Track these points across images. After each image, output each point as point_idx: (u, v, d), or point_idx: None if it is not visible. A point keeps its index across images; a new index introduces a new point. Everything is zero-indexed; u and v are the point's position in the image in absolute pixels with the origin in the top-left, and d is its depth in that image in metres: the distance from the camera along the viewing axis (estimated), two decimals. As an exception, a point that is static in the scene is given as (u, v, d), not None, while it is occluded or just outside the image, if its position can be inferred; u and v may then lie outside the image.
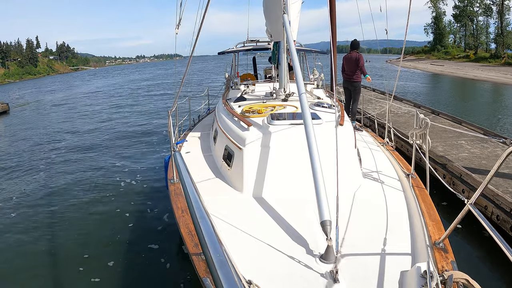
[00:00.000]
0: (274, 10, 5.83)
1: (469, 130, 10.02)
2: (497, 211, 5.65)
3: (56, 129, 17.87)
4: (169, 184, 4.64)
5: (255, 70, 11.40)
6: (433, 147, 8.44)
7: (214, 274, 1.48)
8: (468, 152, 8.13)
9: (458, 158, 7.73)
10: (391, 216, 3.63)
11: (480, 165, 7.28)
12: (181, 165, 2.81)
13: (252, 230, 3.38)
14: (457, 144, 8.74)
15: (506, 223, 5.44)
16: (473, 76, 38.00)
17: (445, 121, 11.53)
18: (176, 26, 6.10)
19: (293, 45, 4.69)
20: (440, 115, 12.41)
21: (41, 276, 5.40)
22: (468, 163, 7.41)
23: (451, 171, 7.25)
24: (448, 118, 11.84)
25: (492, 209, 5.75)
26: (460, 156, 7.84)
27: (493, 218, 5.71)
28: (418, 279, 2.38)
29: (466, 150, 8.24)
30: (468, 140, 8.93)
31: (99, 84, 50.95)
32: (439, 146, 8.61)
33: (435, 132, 9.49)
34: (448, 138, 9.20)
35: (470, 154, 7.95)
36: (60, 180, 9.80)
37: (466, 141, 8.89)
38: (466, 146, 8.57)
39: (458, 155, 7.90)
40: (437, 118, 11.95)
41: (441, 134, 9.47)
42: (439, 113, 12.67)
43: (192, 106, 9.23)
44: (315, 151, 3.22)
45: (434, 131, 9.50)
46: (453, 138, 9.19)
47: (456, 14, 70.77)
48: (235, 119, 5.18)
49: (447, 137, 9.32)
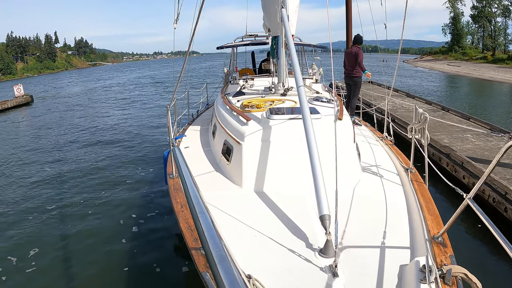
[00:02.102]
0: (272, 4, 5.79)
1: (476, 126, 10.37)
2: (493, 194, 6.09)
3: (69, 123, 18.16)
4: (168, 179, 4.63)
5: (254, 65, 11.31)
6: (439, 139, 8.87)
7: (213, 269, 1.49)
8: (473, 144, 8.52)
9: (462, 149, 8.13)
10: (390, 210, 3.65)
11: (482, 155, 7.67)
12: (180, 160, 2.81)
13: (251, 224, 3.38)
14: (463, 137, 9.13)
15: (501, 205, 5.88)
16: (489, 77, 37.78)
17: (453, 117, 11.87)
18: (175, 21, 6.10)
19: (292, 40, 4.69)
20: (449, 111, 12.75)
21: (37, 270, 5.38)
22: (472, 153, 7.80)
23: (453, 159, 7.69)
24: (457, 114, 12.17)
25: (489, 192, 6.20)
26: (464, 147, 8.24)
27: (490, 201, 6.15)
28: (417, 273, 2.40)
29: (471, 143, 8.63)
30: (474, 134, 9.30)
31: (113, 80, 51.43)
32: (445, 138, 9.02)
33: (444, 127, 9.90)
34: (455, 132, 9.58)
35: (474, 146, 8.34)
36: (64, 170, 10.14)
37: (472, 135, 9.26)
38: (472, 139, 8.96)
39: (463, 147, 8.30)
40: (447, 114, 12.31)
41: (448, 128, 9.85)
42: (448, 109, 13.02)
43: (191, 101, 9.20)
44: (314, 145, 3.23)
45: (443, 125, 9.91)
46: (459, 132, 9.56)
47: (474, 14, 69.99)
48: (234, 114, 5.14)
49: (454, 131, 9.70)
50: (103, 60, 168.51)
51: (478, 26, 71.83)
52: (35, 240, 6.23)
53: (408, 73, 46.30)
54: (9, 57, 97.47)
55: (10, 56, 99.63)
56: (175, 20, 6.11)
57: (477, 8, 68.64)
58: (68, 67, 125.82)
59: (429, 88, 29.56)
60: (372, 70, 25.96)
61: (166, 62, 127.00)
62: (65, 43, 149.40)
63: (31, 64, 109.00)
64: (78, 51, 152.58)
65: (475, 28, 73.95)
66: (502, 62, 53.13)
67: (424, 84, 32.99)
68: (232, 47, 9.61)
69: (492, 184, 6.20)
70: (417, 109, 4.42)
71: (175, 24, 6.14)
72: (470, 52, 69.25)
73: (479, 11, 68.21)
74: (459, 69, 48.34)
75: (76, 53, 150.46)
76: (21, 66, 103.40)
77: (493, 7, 66.60)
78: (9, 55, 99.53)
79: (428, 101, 15.39)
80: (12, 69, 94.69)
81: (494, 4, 66.16)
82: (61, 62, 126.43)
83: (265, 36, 9.22)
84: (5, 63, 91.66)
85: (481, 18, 68.44)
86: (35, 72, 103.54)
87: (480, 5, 67.98)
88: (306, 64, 9.78)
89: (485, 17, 67.70)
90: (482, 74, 40.59)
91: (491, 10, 66.91)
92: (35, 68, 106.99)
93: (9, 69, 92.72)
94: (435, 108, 13.63)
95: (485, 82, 35.29)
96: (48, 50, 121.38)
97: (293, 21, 6.01)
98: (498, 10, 65.88)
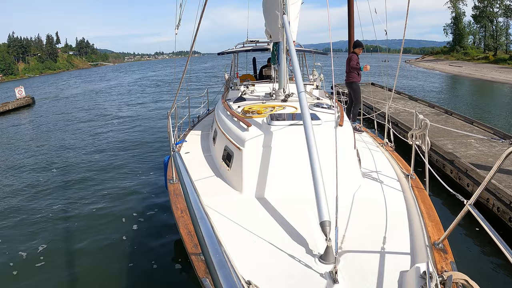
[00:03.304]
0: (273, 10, 5.80)
1: (479, 130, 10.32)
2: (498, 203, 6.03)
3: (70, 126, 18.11)
4: (169, 185, 4.61)
5: (255, 71, 11.21)
6: (442, 145, 8.82)
7: (213, 275, 1.48)
8: (476, 150, 8.46)
9: (466, 155, 8.07)
10: (390, 216, 3.63)
11: (487, 162, 7.62)
12: (181, 165, 2.80)
13: (251, 230, 3.37)
14: (467, 142, 9.07)
15: (506, 214, 5.82)
16: (490, 78, 37.69)
17: (457, 120, 11.82)
18: (176, 27, 6.08)
19: (293, 46, 4.69)
20: (453, 115, 12.69)
21: (39, 272, 5.44)
22: (475, 160, 7.75)
23: (457, 166, 7.63)
24: (460, 118, 12.12)
25: (493, 201, 6.14)
26: (468, 154, 8.18)
27: (494, 210, 6.09)
28: (418, 279, 2.39)
29: (475, 148, 8.57)
30: (478, 139, 9.24)
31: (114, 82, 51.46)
32: (449, 144, 8.96)
33: (447, 131, 9.85)
34: (459, 137, 9.52)
35: (478, 152, 8.29)
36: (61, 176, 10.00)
37: (475, 140, 9.21)
38: (475, 144, 8.90)
39: (466, 153, 8.24)
40: (450, 118, 12.26)
41: (452, 133, 9.80)
42: (452, 113, 12.95)
43: (192, 106, 9.17)
44: (315, 151, 3.22)
45: (446, 130, 9.86)
46: (463, 137, 9.51)
47: (476, 14, 69.92)
48: (235, 120, 5.13)
49: (457, 135, 9.64)
50: (105, 61, 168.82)
51: (479, 26, 71.73)
52: (38, 243, 6.32)
53: (410, 73, 46.23)
54: (10, 57, 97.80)
55: (12, 57, 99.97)
56: (176, 26, 6.09)
57: (479, 8, 68.59)
58: (70, 68, 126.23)
59: (431, 89, 29.50)
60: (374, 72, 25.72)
61: (168, 63, 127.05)
62: (67, 43, 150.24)
63: (32, 65, 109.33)
64: (79, 52, 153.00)
65: (476, 28, 73.86)
66: (504, 62, 53.06)
67: (426, 85, 32.92)
68: (233, 53, 9.61)
69: (496, 193, 6.14)
70: (418, 115, 4.41)
71: (176, 30, 6.14)
72: (471, 52, 69.21)
73: (481, 11, 68.15)
74: (461, 70, 48.26)
75: (78, 54, 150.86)
76: (22, 67, 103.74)
77: (495, 7, 66.55)
78: (11, 55, 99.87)
79: (431, 104, 15.33)
80: (14, 70, 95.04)
81: (496, 4, 66.07)
82: (62, 63, 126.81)
83: (266, 42, 9.21)
84: (7, 63, 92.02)
85: (482, 18, 68.38)
86: (37, 72, 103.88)
87: (481, 5, 67.88)
88: (307, 70, 9.77)
89: (487, 17, 67.64)
90: (484, 75, 40.50)
91: (492, 10, 66.85)
92: (36, 69, 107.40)
93: (11, 69, 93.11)
94: (438, 111, 13.59)
95: (487, 83, 35.18)
96: (50, 50, 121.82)
97: (294, 27, 6.06)
98: (499, 10, 65.85)
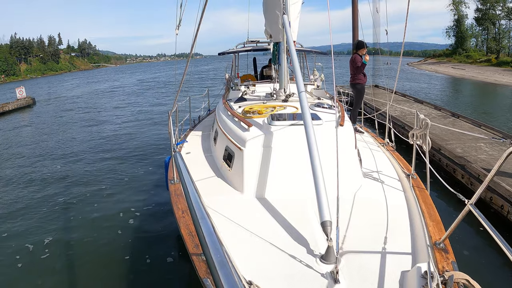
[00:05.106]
0: (274, 10, 5.80)
1: (488, 134, 10.18)
2: (507, 205, 5.90)
3: (70, 127, 18.03)
4: (169, 185, 4.63)
5: (256, 71, 11.16)
6: (452, 149, 8.69)
7: (214, 275, 1.48)
8: (487, 154, 8.32)
9: (477, 159, 7.94)
10: (391, 216, 3.65)
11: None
12: (182, 165, 2.81)
13: (252, 230, 3.38)
14: (476, 146, 8.94)
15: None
16: (493, 81, 37.54)
17: (464, 123, 11.69)
18: (176, 27, 6.12)
19: (293, 46, 4.68)
20: (460, 117, 12.56)
21: (37, 272, 5.45)
22: (486, 164, 7.62)
23: (469, 172, 7.49)
24: (467, 121, 11.98)
25: (508, 208, 5.99)
26: (478, 158, 8.05)
27: (509, 217, 5.95)
28: (419, 279, 2.40)
29: (485, 152, 8.44)
30: (487, 143, 9.10)
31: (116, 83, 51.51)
32: (458, 148, 8.83)
33: (456, 134, 9.72)
34: (468, 141, 9.39)
35: (488, 156, 8.15)
36: (62, 176, 10.00)
37: (485, 143, 9.07)
38: (485, 148, 8.77)
39: (477, 157, 8.11)
40: (457, 121, 12.12)
41: (460, 137, 9.66)
42: (459, 115, 12.82)
43: (192, 106, 9.18)
44: (315, 151, 3.22)
45: (455, 133, 9.74)
46: (472, 140, 9.38)
47: (478, 17, 69.63)
48: (236, 120, 5.14)
49: (466, 139, 9.51)
50: (107, 62, 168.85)
51: (482, 28, 71.48)
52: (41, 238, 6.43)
53: (413, 76, 46.10)
54: (12, 58, 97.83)
55: (14, 58, 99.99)
56: (177, 26, 6.13)
57: (481, 10, 68.32)
58: (72, 69, 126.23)
59: (435, 92, 29.34)
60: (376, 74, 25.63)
61: (169, 64, 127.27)
62: (69, 44, 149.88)
63: (34, 66, 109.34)
64: (81, 53, 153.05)
65: (479, 31, 73.62)
66: (507, 65, 52.84)
67: (430, 87, 32.79)
68: (233, 53, 9.65)
69: (511, 199, 6.00)
70: (419, 115, 4.42)
71: (177, 30, 6.17)
72: (474, 54, 68.94)
73: (483, 14, 67.87)
74: (463, 72, 48.11)
75: (80, 55, 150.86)
76: (24, 68, 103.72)
77: (497, 9, 66.28)
78: (13, 56, 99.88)
79: (438, 106, 15.19)
80: (16, 71, 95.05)
81: (498, 7, 65.83)
82: (64, 64, 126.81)
83: (266, 42, 9.19)
84: (9, 64, 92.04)
85: (485, 20, 68.08)
86: (39, 73, 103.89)
87: (484, 7, 67.71)
88: (307, 70, 9.76)
89: (489, 19, 67.38)
90: (487, 78, 40.33)
91: (495, 12, 66.57)
92: (38, 70, 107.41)
93: (13, 70, 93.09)
94: (445, 114, 13.45)
95: (490, 86, 35.03)
96: (52, 51, 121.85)
97: (295, 27, 6.05)
98: (502, 13, 65.51)
